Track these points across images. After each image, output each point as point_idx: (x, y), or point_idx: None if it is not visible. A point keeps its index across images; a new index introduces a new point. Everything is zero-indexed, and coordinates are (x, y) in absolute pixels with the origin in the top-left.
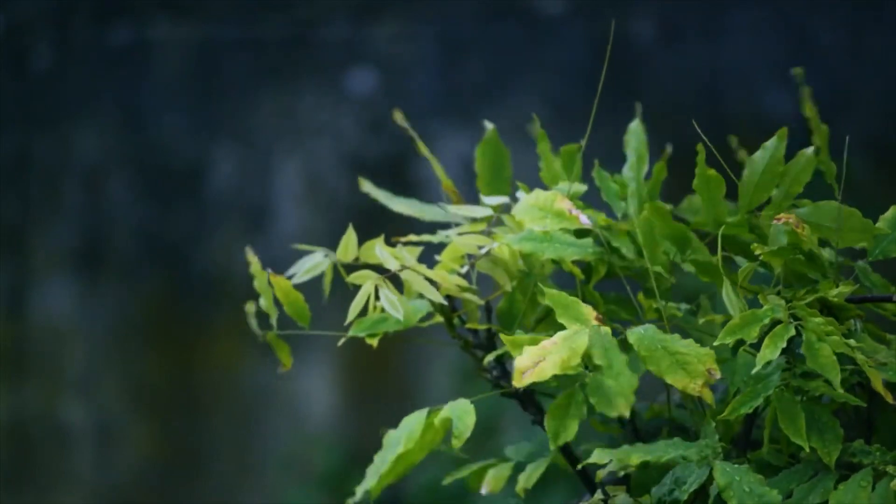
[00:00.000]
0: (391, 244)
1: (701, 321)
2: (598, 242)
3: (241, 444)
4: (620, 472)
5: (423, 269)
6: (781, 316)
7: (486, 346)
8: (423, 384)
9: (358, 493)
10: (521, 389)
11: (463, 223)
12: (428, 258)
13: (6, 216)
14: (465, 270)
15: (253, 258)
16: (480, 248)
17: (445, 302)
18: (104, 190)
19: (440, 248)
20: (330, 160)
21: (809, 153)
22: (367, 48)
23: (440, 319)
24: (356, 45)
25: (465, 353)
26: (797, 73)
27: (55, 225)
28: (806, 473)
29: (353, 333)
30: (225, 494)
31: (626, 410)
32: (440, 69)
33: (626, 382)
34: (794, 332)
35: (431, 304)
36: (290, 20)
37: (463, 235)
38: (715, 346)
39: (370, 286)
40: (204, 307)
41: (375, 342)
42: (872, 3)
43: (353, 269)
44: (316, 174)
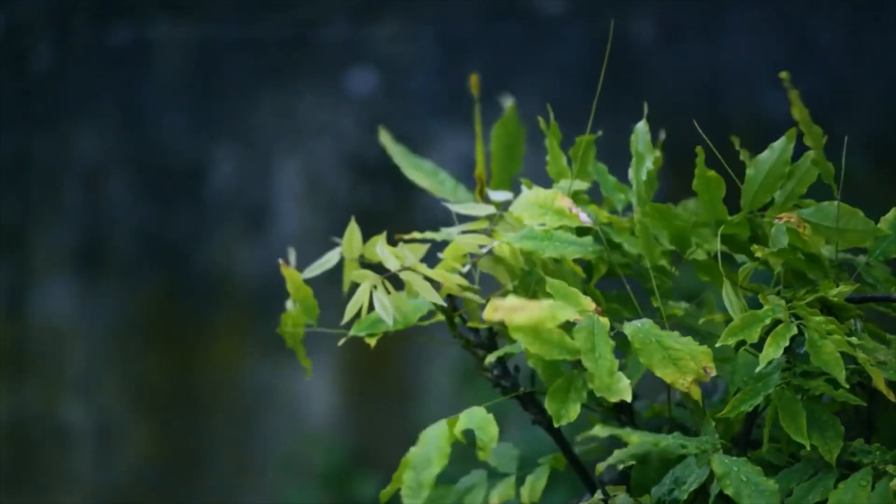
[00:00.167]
0: (393, 242)
1: (701, 321)
2: (598, 240)
3: (241, 444)
4: (619, 464)
5: (423, 268)
6: (782, 316)
7: (487, 345)
8: (423, 384)
9: None
10: (521, 390)
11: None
12: (431, 256)
13: (6, 216)
14: (466, 269)
15: (293, 256)
16: (482, 246)
17: (445, 303)
18: (104, 190)
19: (444, 244)
20: (330, 160)
21: (815, 155)
22: (367, 48)
23: (441, 318)
24: (356, 45)
25: (465, 352)
26: (784, 77)
27: (55, 225)
28: (806, 472)
29: (353, 333)
30: (225, 494)
31: (627, 395)
32: (440, 69)
33: (604, 366)
34: (795, 330)
35: (433, 302)
36: (290, 20)
37: (464, 234)
38: (717, 347)
39: (367, 286)
40: (204, 307)
41: (373, 342)
42: (872, 3)
43: (363, 267)
44: (316, 174)
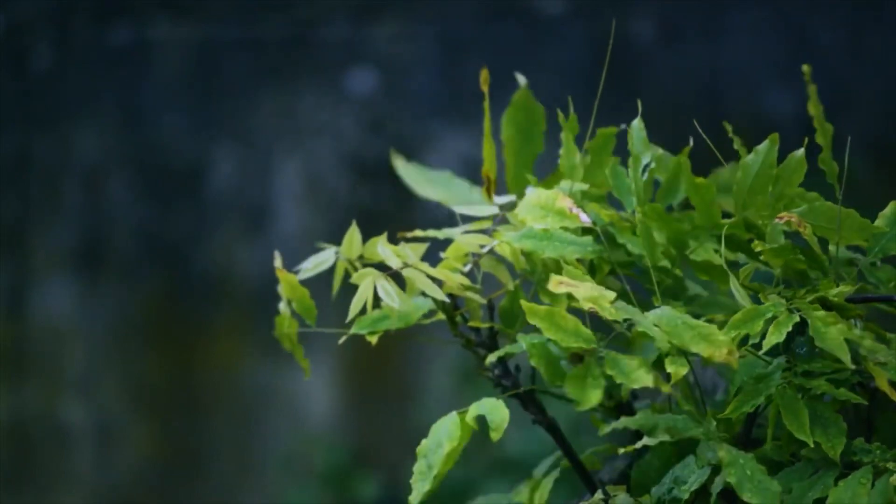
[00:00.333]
0: (394, 242)
1: (702, 320)
2: (598, 241)
3: (241, 444)
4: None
5: (425, 267)
6: (783, 311)
7: (488, 344)
8: (423, 384)
9: (413, 500)
10: (522, 389)
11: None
12: (432, 256)
13: (6, 216)
14: (468, 269)
15: (279, 260)
16: (483, 246)
17: (448, 300)
18: (104, 190)
19: (445, 245)
20: (330, 160)
21: (800, 155)
22: (367, 48)
23: (442, 317)
24: (356, 45)
25: (465, 352)
26: (806, 70)
27: (55, 225)
28: (806, 471)
29: (354, 331)
30: (225, 494)
31: (648, 380)
32: (440, 69)
33: (658, 333)
34: (797, 319)
35: (434, 301)
36: (290, 20)
37: (466, 234)
38: None
39: (370, 284)
40: (204, 307)
41: (375, 339)
42: (872, 3)
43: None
44: (316, 174)
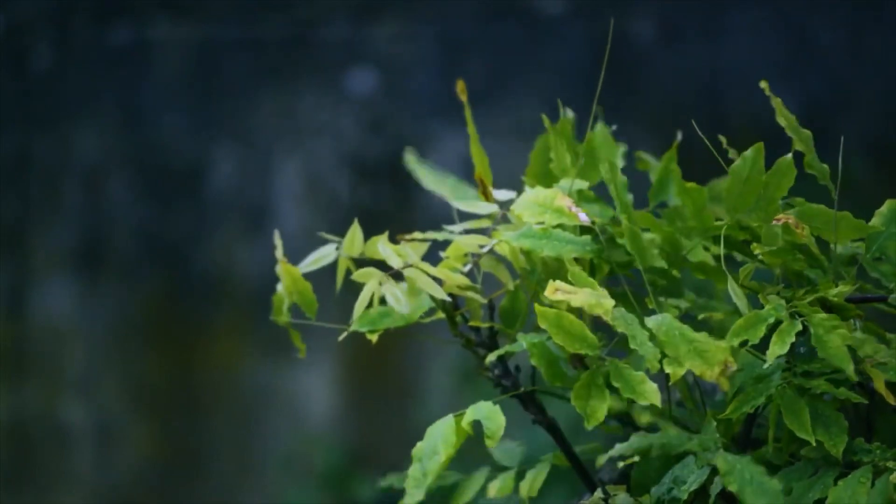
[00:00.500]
0: (395, 242)
1: (700, 317)
2: (596, 240)
3: (241, 444)
4: (620, 462)
5: (426, 266)
6: (784, 315)
7: (488, 344)
8: (423, 384)
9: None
10: (522, 389)
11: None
12: (433, 256)
13: (6, 216)
14: (468, 268)
15: (279, 243)
16: (482, 246)
17: (449, 298)
18: (104, 190)
19: (445, 245)
20: (330, 160)
21: (788, 160)
22: (367, 48)
23: (442, 316)
24: (356, 45)
25: (465, 351)
26: (764, 86)
27: (55, 225)
28: (806, 471)
29: (354, 328)
30: (225, 494)
31: (656, 399)
32: (440, 69)
33: (649, 350)
34: (800, 327)
35: (434, 301)
36: (290, 20)
37: (466, 233)
38: None
39: (374, 284)
40: (204, 307)
41: (375, 338)
42: (872, 3)
43: (358, 264)
44: (316, 174)
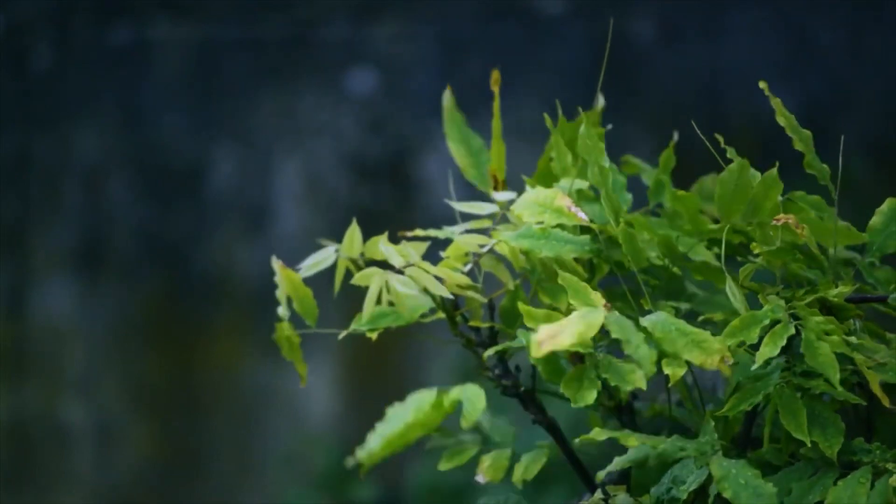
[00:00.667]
0: (395, 242)
1: (700, 318)
2: (595, 239)
3: (241, 444)
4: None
5: (427, 265)
6: (781, 316)
7: (488, 344)
8: (423, 384)
9: (358, 454)
10: (522, 389)
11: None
12: (433, 255)
13: (6, 216)
14: (468, 268)
15: (277, 266)
16: (482, 246)
17: (452, 297)
18: (104, 190)
19: (445, 244)
20: (330, 160)
21: (773, 174)
22: (367, 48)
23: (442, 316)
24: (356, 45)
25: (465, 351)
26: (763, 87)
27: (55, 225)
28: (806, 472)
29: (354, 328)
30: (225, 494)
31: (642, 383)
32: (440, 69)
33: (645, 353)
34: (793, 330)
35: (434, 300)
36: (290, 20)
37: (466, 233)
38: None
39: (380, 282)
40: (204, 307)
41: (375, 336)
42: (872, 3)
43: (358, 267)
44: (316, 174)
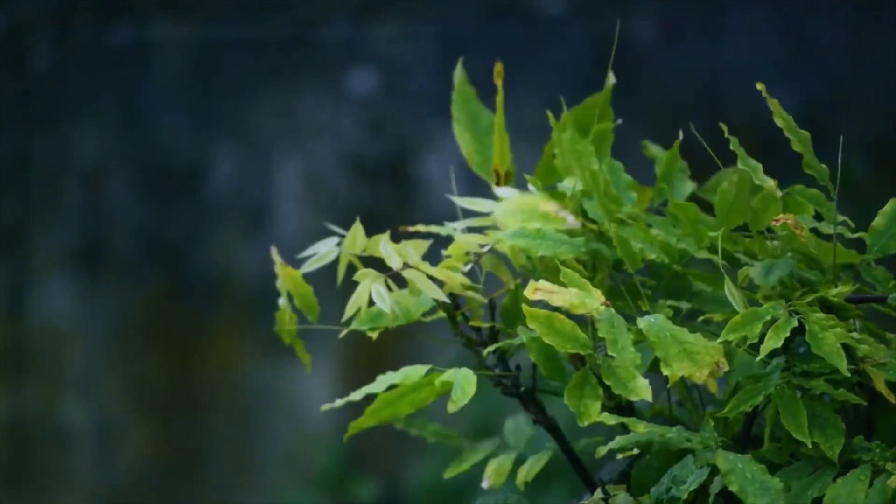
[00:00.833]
0: (396, 241)
1: (700, 319)
2: (594, 239)
3: (241, 444)
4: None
5: (426, 266)
6: (782, 314)
7: (488, 343)
8: None
9: (338, 401)
10: (522, 388)
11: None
12: (434, 254)
13: (6, 216)
14: (468, 268)
15: (277, 258)
16: (482, 245)
17: (448, 300)
18: (104, 190)
19: (447, 242)
20: (330, 160)
21: (772, 189)
22: (367, 48)
23: (443, 315)
24: (356, 45)
25: (466, 351)
26: (761, 88)
27: (55, 225)
28: (805, 470)
29: (354, 327)
30: (225, 494)
31: (647, 395)
32: (440, 69)
33: (628, 358)
34: (796, 323)
35: (434, 300)
36: (290, 20)
37: (467, 231)
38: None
39: (368, 284)
40: (204, 307)
41: (375, 335)
42: (872, 3)
43: (362, 263)
44: (316, 174)
